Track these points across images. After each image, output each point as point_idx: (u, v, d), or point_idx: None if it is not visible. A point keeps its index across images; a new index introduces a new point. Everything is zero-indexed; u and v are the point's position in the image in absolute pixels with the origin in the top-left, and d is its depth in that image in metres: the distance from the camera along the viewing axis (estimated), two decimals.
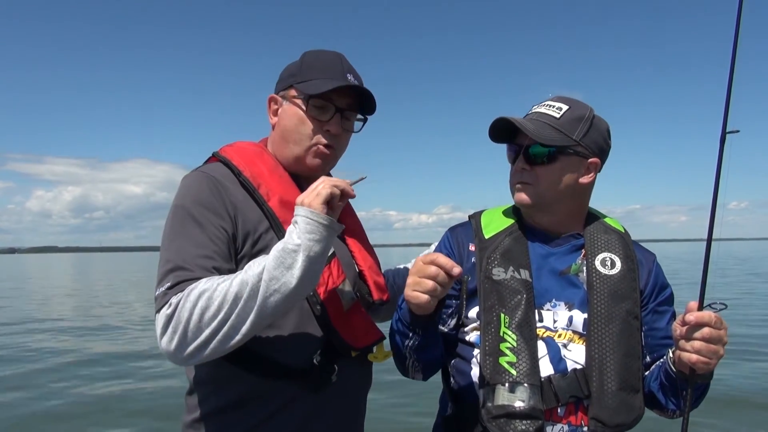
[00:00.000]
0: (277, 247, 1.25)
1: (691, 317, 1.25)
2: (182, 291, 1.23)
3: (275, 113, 1.56)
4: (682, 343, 1.28)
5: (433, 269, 1.25)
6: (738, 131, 1.29)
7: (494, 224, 1.60)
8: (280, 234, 1.38)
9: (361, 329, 1.46)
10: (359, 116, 1.57)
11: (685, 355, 1.27)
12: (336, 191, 1.29)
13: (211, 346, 1.21)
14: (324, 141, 1.50)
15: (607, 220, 1.64)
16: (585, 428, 1.39)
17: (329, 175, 1.63)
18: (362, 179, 1.41)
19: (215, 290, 1.20)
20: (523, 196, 1.51)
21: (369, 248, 1.65)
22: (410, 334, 1.42)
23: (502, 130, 1.53)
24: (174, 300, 1.22)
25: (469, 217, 1.69)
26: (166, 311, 1.22)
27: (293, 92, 1.51)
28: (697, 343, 1.25)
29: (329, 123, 1.49)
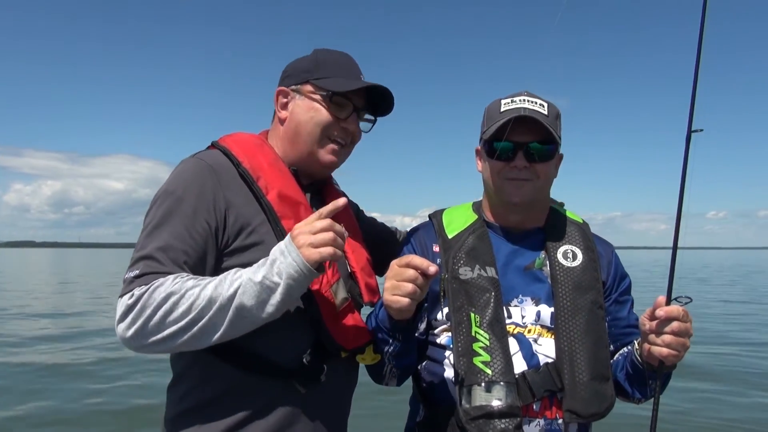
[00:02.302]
0: (255, 278, 1.21)
1: (661, 312, 1.29)
2: (147, 284, 1.23)
3: (284, 107, 1.53)
4: (652, 337, 1.31)
5: (410, 272, 1.25)
6: (702, 130, 1.33)
7: (456, 223, 1.59)
8: (277, 228, 1.37)
9: (352, 330, 1.44)
10: (368, 117, 1.58)
11: (656, 349, 1.30)
12: (335, 257, 1.23)
13: (168, 345, 1.23)
14: (340, 137, 1.49)
15: (566, 213, 1.66)
16: (560, 421, 1.41)
17: (330, 179, 1.63)
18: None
19: (182, 296, 1.21)
20: (521, 195, 1.49)
21: (364, 248, 1.61)
22: (390, 341, 1.41)
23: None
24: (137, 291, 1.23)
25: (430, 216, 1.68)
26: (127, 300, 1.23)
27: (309, 88, 1.49)
28: (667, 337, 1.28)
29: (347, 121, 1.49)
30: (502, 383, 1.37)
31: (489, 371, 1.38)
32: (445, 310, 1.48)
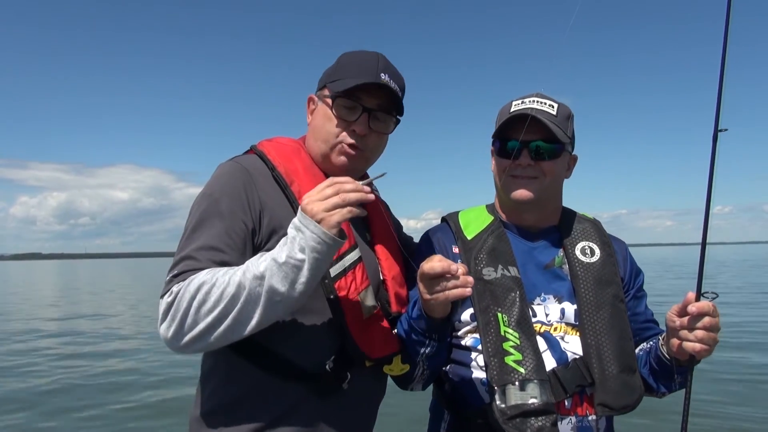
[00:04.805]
0: (279, 258, 1.21)
1: (693, 308, 1.30)
2: (184, 280, 1.25)
3: (312, 112, 1.56)
4: (684, 333, 1.32)
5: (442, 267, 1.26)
6: (726, 129, 1.36)
7: (474, 224, 1.61)
8: None
9: (379, 339, 1.43)
10: (381, 115, 1.50)
11: (689, 345, 1.31)
12: (352, 213, 1.21)
13: (207, 339, 1.22)
14: (349, 140, 1.47)
15: (578, 212, 1.69)
16: (591, 417, 1.42)
17: (365, 176, 1.58)
18: (382, 176, 1.36)
19: (213, 284, 1.21)
20: (526, 192, 1.52)
21: (397, 256, 1.59)
22: (427, 342, 1.42)
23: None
24: (175, 288, 1.24)
25: (443, 219, 1.70)
26: (167, 299, 1.25)
27: (325, 92, 1.51)
28: (699, 333, 1.30)
29: (356, 123, 1.46)
30: (535, 381, 1.38)
31: (522, 370, 1.39)
32: (469, 311, 1.49)
